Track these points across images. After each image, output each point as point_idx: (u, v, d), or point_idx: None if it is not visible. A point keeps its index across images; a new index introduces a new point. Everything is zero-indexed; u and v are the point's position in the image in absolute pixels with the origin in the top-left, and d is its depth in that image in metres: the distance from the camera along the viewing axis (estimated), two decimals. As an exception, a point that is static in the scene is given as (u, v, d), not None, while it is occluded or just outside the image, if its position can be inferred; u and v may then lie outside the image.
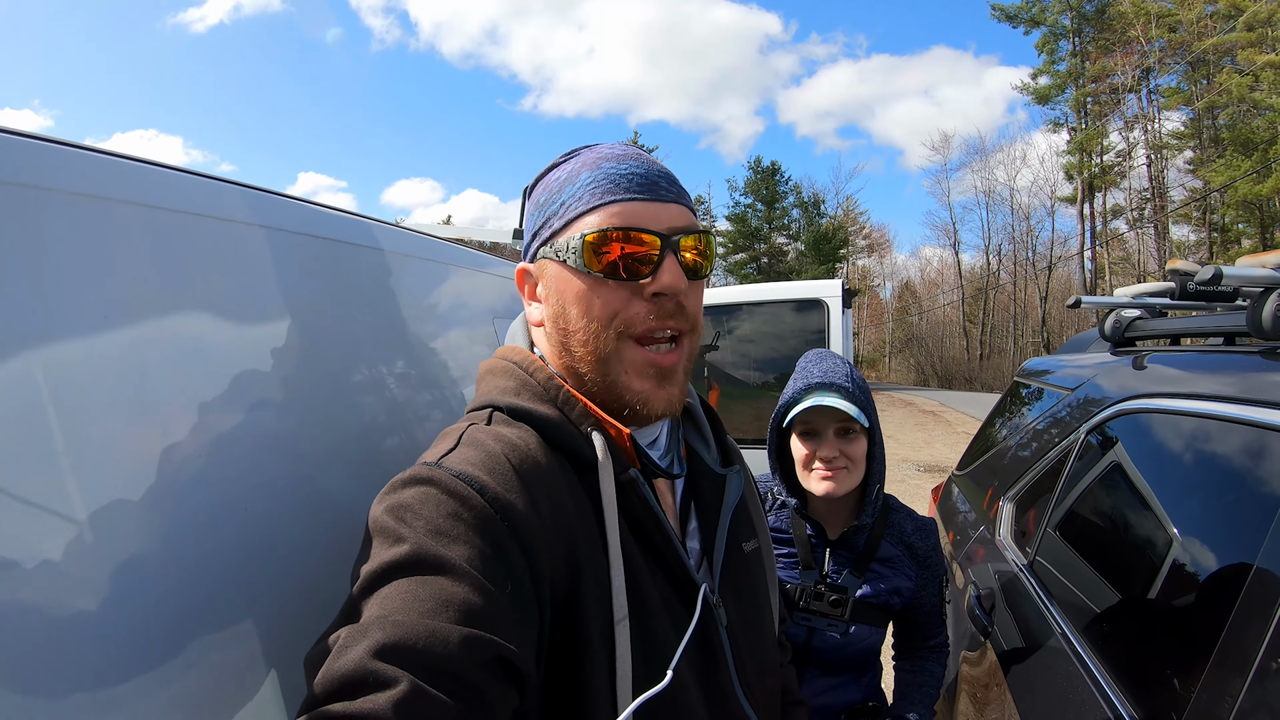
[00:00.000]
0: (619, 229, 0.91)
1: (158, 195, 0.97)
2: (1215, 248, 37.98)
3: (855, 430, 1.78)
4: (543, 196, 1.00)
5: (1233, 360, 1.61)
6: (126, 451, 0.85)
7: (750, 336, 5.01)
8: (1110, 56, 41.91)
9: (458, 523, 0.77)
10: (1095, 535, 1.90)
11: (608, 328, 0.93)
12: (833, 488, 1.76)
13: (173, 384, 0.93)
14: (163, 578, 0.86)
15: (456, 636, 0.68)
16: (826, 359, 1.87)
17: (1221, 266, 1.54)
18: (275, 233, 1.19)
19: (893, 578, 1.85)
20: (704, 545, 1.06)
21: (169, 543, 0.88)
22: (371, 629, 0.68)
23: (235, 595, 0.96)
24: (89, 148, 0.90)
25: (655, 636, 0.90)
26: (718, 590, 1.02)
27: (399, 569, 0.73)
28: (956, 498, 3.43)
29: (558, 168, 1.01)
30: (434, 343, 1.69)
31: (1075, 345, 3.05)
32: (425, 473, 0.82)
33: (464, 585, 0.72)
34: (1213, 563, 1.36)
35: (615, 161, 0.96)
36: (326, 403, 1.23)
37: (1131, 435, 1.85)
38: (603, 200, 0.93)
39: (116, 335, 0.87)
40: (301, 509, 1.12)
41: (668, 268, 0.92)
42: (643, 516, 0.94)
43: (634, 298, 0.93)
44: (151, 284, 0.93)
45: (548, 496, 0.86)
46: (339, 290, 1.34)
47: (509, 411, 0.95)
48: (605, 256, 0.91)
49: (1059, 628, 1.70)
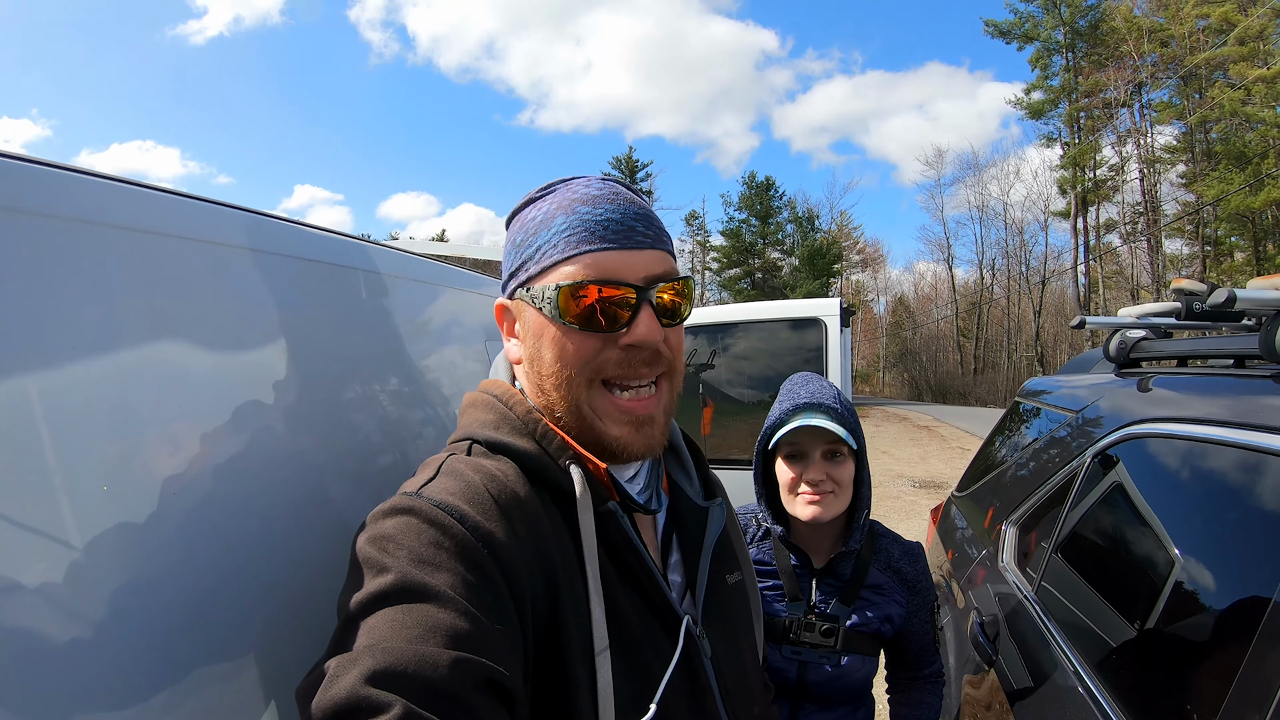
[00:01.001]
0: (592, 282, 0.91)
1: (158, 221, 0.98)
2: (1208, 261, 38.21)
3: (843, 453, 1.73)
4: (519, 236, 1.00)
5: (1243, 384, 1.56)
6: (121, 471, 0.86)
7: (747, 355, 4.98)
8: (1103, 71, 42.23)
9: (440, 551, 0.78)
10: (1103, 564, 1.85)
11: (580, 374, 0.94)
12: (819, 512, 1.71)
13: (168, 405, 0.94)
14: (158, 595, 0.87)
15: (446, 660, 0.69)
16: (813, 381, 1.83)
17: (1234, 289, 1.50)
18: (270, 256, 1.20)
19: (883, 605, 1.79)
20: (687, 578, 1.07)
21: (163, 560, 0.89)
22: (362, 657, 0.69)
23: (230, 611, 0.98)
24: (86, 171, 0.90)
25: (639, 668, 0.91)
26: (701, 622, 1.03)
27: (384, 598, 0.74)
28: (956, 518, 3.39)
29: (534, 204, 1.01)
30: (426, 361, 1.68)
31: (1078, 365, 3.02)
32: (405, 503, 0.83)
33: (450, 611, 0.73)
34: (1228, 595, 1.31)
35: (590, 205, 0.95)
36: (322, 422, 1.25)
37: (1139, 460, 1.81)
38: (577, 250, 0.93)
39: (109, 358, 0.87)
40: (298, 524, 1.14)
41: (643, 320, 0.93)
42: (623, 549, 0.94)
43: (607, 347, 0.94)
44: (146, 307, 0.93)
45: (527, 526, 0.87)
46: (332, 311, 1.35)
47: (488, 445, 0.96)
48: (579, 307, 0.92)
49: (1068, 661, 1.65)
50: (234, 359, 1.07)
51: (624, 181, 1.04)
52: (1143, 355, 2.24)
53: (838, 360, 4.42)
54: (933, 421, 28.19)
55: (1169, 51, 39.36)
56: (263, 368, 1.13)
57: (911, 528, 9.43)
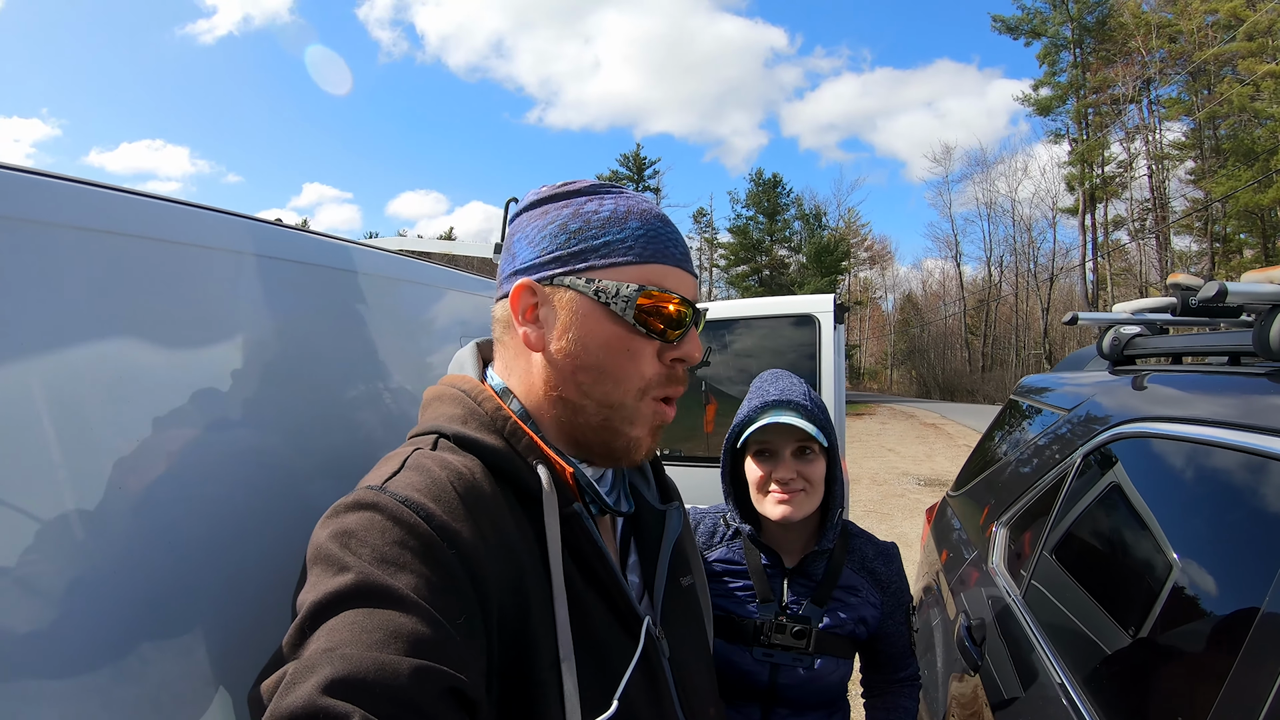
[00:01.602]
0: (674, 294, 0.95)
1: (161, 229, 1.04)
2: (1217, 258, 38.04)
3: (814, 450, 1.68)
4: (575, 224, 0.97)
5: (1238, 382, 1.51)
6: (115, 469, 0.90)
7: (741, 351, 4.95)
8: (1111, 67, 42.11)
9: (404, 551, 0.75)
10: (1091, 566, 1.80)
11: (631, 381, 0.95)
12: (789, 511, 1.65)
13: (159, 404, 0.98)
14: (147, 590, 0.90)
15: (407, 668, 0.67)
16: (783, 378, 1.78)
17: (1226, 283, 1.44)
18: (261, 260, 1.24)
19: (857, 606, 1.74)
20: (644, 579, 1.09)
21: (153, 555, 0.93)
22: (320, 664, 0.66)
23: (219, 607, 1.01)
24: (86, 181, 0.95)
25: (601, 668, 0.91)
26: (660, 623, 1.04)
27: (344, 600, 0.71)
28: (951, 518, 3.34)
29: (592, 197, 0.99)
30: (405, 358, 1.68)
31: (1073, 363, 2.96)
32: (370, 497, 0.80)
33: (412, 616, 0.71)
34: (1218, 600, 1.26)
35: (663, 223, 0.99)
36: (308, 419, 1.29)
37: (1132, 460, 1.76)
38: (657, 260, 0.96)
39: (105, 357, 0.92)
40: (283, 520, 1.16)
41: (693, 337, 0.99)
42: (586, 550, 0.93)
43: (654, 358, 0.96)
44: (138, 310, 0.97)
45: (493, 525, 0.85)
46: (317, 312, 1.38)
47: (455, 439, 0.93)
48: (656, 312, 0.94)
49: (1053, 668, 1.60)
50: (225, 356, 1.12)
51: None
52: (1137, 352, 2.19)
53: (831, 356, 4.39)
54: (939, 419, 28.15)
55: (1177, 47, 39.17)
56: (252, 364, 1.17)
57: (915, 526, 9.41)
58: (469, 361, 1.08)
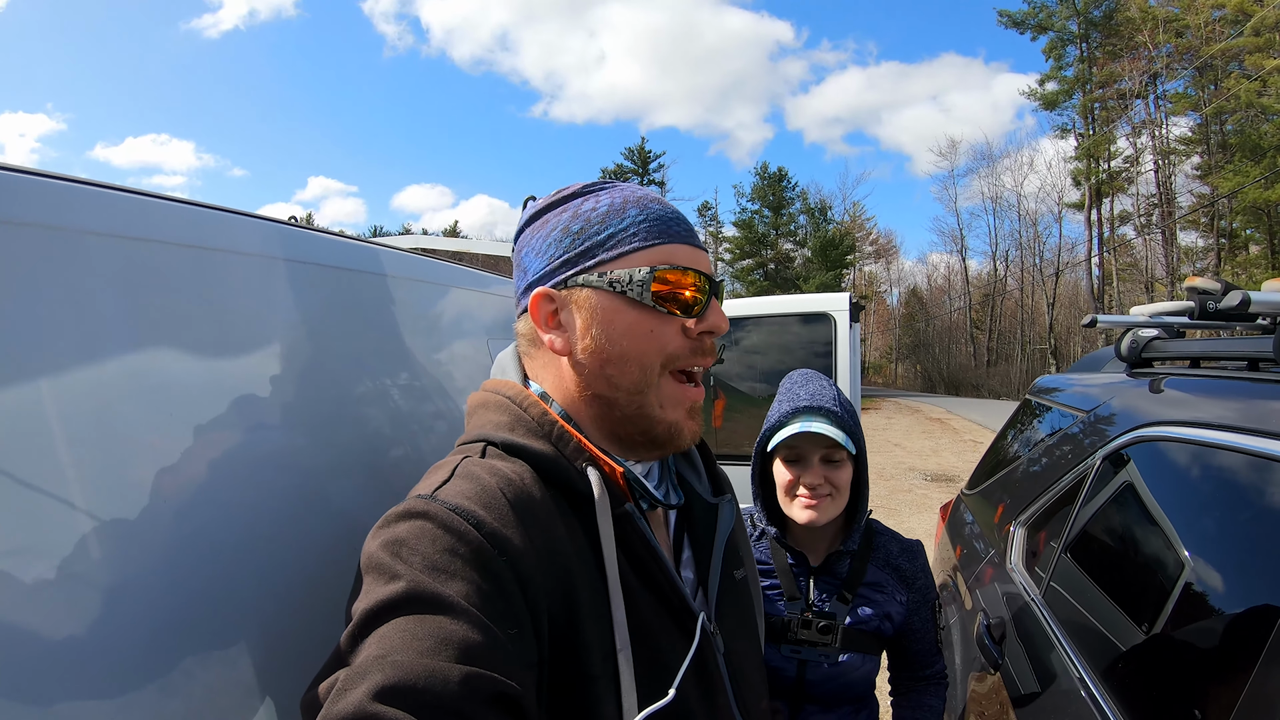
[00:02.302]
0: (685, 267, 0.97)
1: (191, 234, 1.06)
2: (1224, 254, 37.83)
3: (841, 458, 1.72)
4: (577, 225, 0.99)
5: (1255, 388, 1.54)
6: (138, 470, 0.90)
7: (756, 349, 4.98)
8: (1118, 62, 41.82)
9: (454, 559, 0.76)
10: (1111, 566, 1.83)
11: (657, 358, 0.96)
12: (815, 516, 1.70)
13: (184, 406, 0.99)
14: (173, 592, 0.90)
15: (457, 675, 0.68)
16: (813, 380, 1.82)
17: (1248, 292, 1.48)
18: (285, 263, 1.26)
19: (883, 603, 1.79)
20: (699, 574, 1.09)
21: (180, 556, 0.93)
22: (371, 670, 0.67)
23: (244, 605, 1.01)
24: (112, 186, 0.97)
25: (656, 665, 0.91)
26: (714, 618, 1.04)
27: (396, 607, 0.73)
28: (965, 514, 3.37)
29: (587, 197, 1.01)
30: (435, 358, 1.69)
31: (1089, 364, 2.99)
32: (420, 506, 0.81)
33: (463, 623, 0.72)
34: (1237, 603, 1.30)
35: (659, 204, 1.01)
36: (333, 418, 1.29)
37: (1150, 464, 1.79)
38: (659, 240, 0.97)
39: (126, 361, 0.92)
40: (310, 519, 1.17)
41: (715, 308, 0.99)
42: (640, 550, 0.94)
43: (679, 334, 0.97)
44: (140, 313, 0.96)
45: (543, 531, 0.85)
46: (344, 313, 1.40)
47: (503, 447, 0.94)
48: (670, 288, 0.95)
49: (1073, 665, 1.64)
50: (232, 363, 1.10)
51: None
52: (1155, 355, 2.21)
53: (847, 356, 4.41)
54: (945, 414, 28.10)
55: (1184, 42, 38.90)
56: (261, 369, 1.16)
57: (922, 521, 9.41)
58: (511, 365, 1.08)
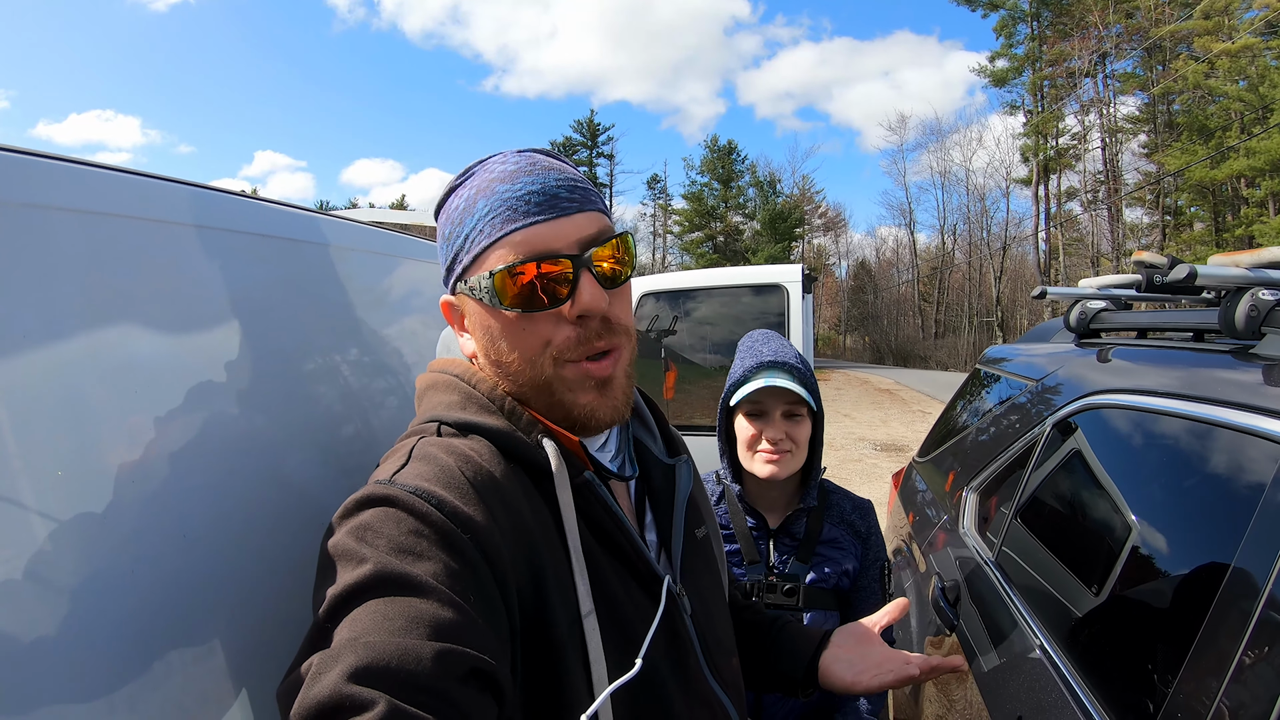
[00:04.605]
0: (527, 260, 0.88)
1: (99, 201, 0.94)
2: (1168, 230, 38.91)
3: (802, 413, 1.77)
4: (447, 229, 0.97)
5: (1200, 358, 1.60)
6: (75, 460, 0.83)
7: (709, 320, 5.00)
8: (1068, 41, 42.55)
9: (420, 539, 0.77)
10: (1061, 530, 1.90)
11: (542, 356, 0.92)
12: (776, 471, 1.75)
13: (124, 390, 0.91)
14: (129, 582, 0.86)
15: (430, 653, 0.68)
16: (774, 339, 1.86)
17: (1195, 266, 1.53)
18: (219, 233, 1.14)
19: (840, 559, 1.84)
20: (661, 537, 1.08)
21: (134, 545, 0.88)
22: (344, 653, 0.67)
23: (206, 592, 0.97)
24: (22, 150, 0.86)
25: (624, 630, 0.91)
26: (679, 580, 1.04)
27: (365, 590, 0.73)
28: (917, 482, 3.45)
29: (454, 193, 0.98)
30: (386, 332, 1.63)
31: (1039, 334, 3.06)
32: (381, 491, 0.81)
33: (432, 601, 0.72)
34: (1184, 562, 1.35)
35: (509, 182, 0.92)
36: (284, 396, 1.22)
37: (1097, 430, 1.85)
38: (503, 231, 0.90)
39: (56, 346, 0.84)
40: (274, 500, 1.13)
41: (585, 287, 0.90)
42: (602, 518, 0.94)
43: (560, 323, 0.91)
44: (93, 291, 0.90)
45: (504, 506, 0.85)
46: (287, 286, 1.29)
47: (457, 426, 0.94)
48: (518, 288, 0.89)
49: (1026, 625, 1.70)
50: (185, 340, 1.03)
51: (543, 149, 1.00)
52: (1103, 326, 2.28)
53: (800, 326, 4.46)
54: (894, 385, 28.60)
55: (1134, 23, 39.69)
56: (215, 347, 1.09)
57: (873, 490, 9.59)
58: (455, 343, 1.07)
